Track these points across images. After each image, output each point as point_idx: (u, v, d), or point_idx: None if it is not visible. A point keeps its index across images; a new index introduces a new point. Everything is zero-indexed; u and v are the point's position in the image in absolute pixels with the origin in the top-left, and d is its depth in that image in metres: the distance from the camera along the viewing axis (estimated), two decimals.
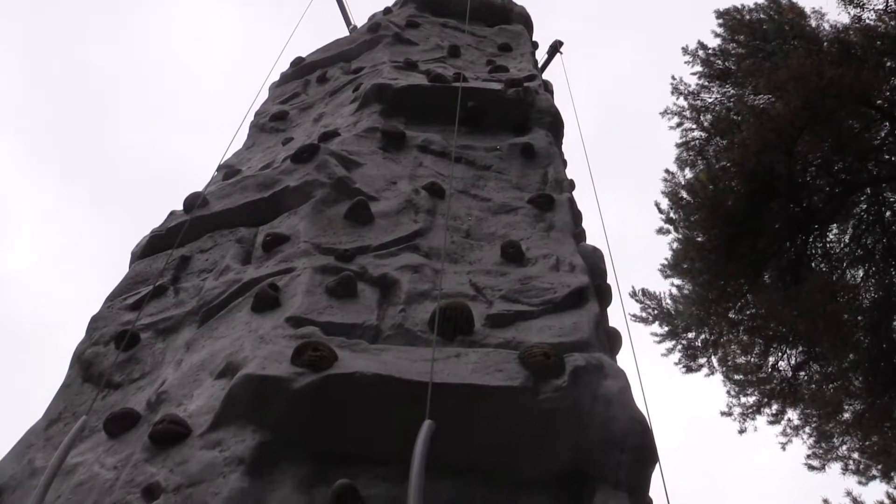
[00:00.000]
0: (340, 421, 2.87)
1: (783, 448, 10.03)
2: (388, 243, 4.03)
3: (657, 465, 3.10)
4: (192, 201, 4.88)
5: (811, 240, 10.18)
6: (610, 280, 4.40)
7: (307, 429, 2.86)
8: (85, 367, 4.11)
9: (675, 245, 10.47)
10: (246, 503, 2.59)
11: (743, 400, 10.14)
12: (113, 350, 4.00)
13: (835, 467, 9.75)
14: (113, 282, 4.72)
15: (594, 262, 4.19)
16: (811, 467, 9.83)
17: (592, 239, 4.91)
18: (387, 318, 3.50)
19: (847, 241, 10.47)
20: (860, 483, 9.55)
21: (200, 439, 2.93)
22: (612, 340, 3.80)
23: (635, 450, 2.92)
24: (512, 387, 2.91)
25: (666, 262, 10.51)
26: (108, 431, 3.38)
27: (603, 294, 4.13)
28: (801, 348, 10.15)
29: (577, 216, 4.69)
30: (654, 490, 3.29)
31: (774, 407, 9.97)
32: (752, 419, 10.01)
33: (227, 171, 5.39)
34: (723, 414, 10.25)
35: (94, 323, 4.41)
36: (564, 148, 5.89)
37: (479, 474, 2.83)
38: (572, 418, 2.92)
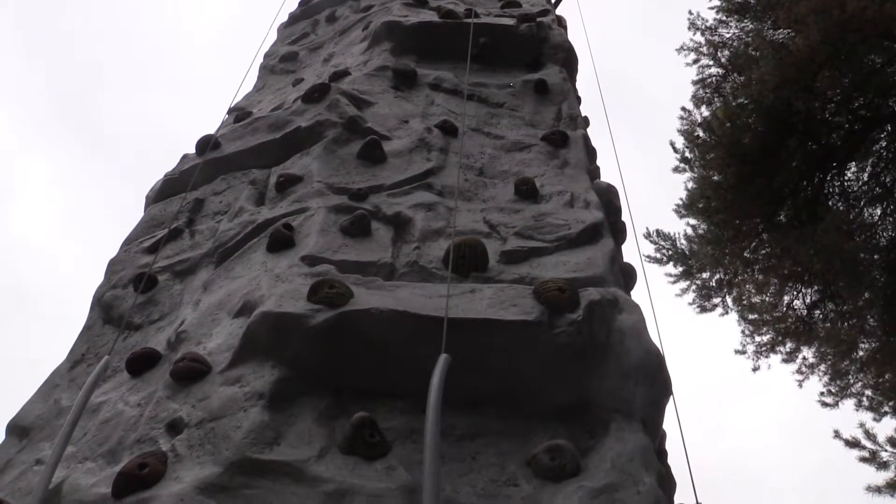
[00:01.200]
0: (357, 356, 2.91)
1: (800, 385, 10.08)
2: (401, 182, 4.01)
3: (671, 397, 3.14)
4: (205, 144, 4.87)
5: (829, 178, 10.03)
6: (624, 218, 4.39)
7: (325, 364, 2.89)
8: (105, 309, 4.17)
9: (689, 185, 10.37)
10: (267, 435, 2.65)
11: (757, 339, 10.17)
12: (132, 293, 4.05)
13: (848, 404, 9.81)
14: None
15: (609, 199, 4.17)
16: (825, 404, 9.89)
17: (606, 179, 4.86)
18: (401, 255, 3.52)
19: (865, 178, 10.32)
20: (874, 420, 9.63)
21: (220, 376, 2.98)
22: (626, 276, 3.80)
23: (650, 381, 2.94)
24: (527, 321, 2.92)
25: (681, 203, 10.43)
26: (130, 371, 3.44)
27: (618, 231, 4.12)
28: (816, 287, 10.11)
29: (591, 153, 4.64)
30: (668, 423, 3.34)
31: (789, 345, 10.00)
32: (766, 357, 10.05)
33: (239, 113, 5.36)
34: (736, 352, 10.29)
35: (113, 266, 4.45)
36: (578, 85, 5.80)
37: (494, 407, 2.87)
38: (587, 351, 2.93)
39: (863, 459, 9.30)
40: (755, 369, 10.14)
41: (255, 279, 3.43)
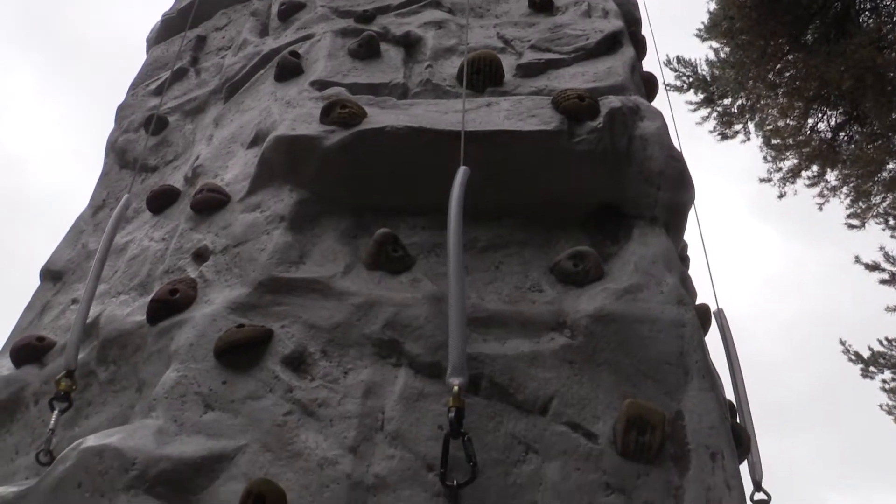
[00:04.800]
0: (375, 175, 2.87)
1: (820, 209, 10.00)
2: (408, 1, 3.82)
3: (692, 205, 3.10)
4: None
5: None
6: (645, 47, 4.18)
7: (343, 184, 2.86)
8: (119, 154, 4.15)
9: (712, 6, 9.83)
10: (291, 255, 2.67)
11: (780, 164, 9.98)
12: (144, 135, 4.00)
13: (873, 224, 9.74)
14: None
15: (628, 10, 3.98)
16: (850, 226, 9.83)
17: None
18: (413, 75, 3.40)
19: None
20: (893, 237, 9.61)
21: (240, 204, 2.98)
22: (648, 86, 3.66)
23: (672, 186, 2.89)
24: (546, 130, 2.84)
25: (702, 26, 9.93)
26: (151, 209, 3.46)
27: (638, 42, 3.94)
28: (841, 109, 9.80)
29: None
30: (689, 235, 3.32)
31: (814, 168, 9.82)
32: (792, 183, 9.91)
33: None
34: (762, 180, 10.14)
35: (122, 111, 4.39)
36: None
37: (516, 218, 2.84)
38: (609, 159, 2.87)
39: (883, 282, 9.38)
40: (781, 196, 10.04)
41: (266, 109, 3.36)
